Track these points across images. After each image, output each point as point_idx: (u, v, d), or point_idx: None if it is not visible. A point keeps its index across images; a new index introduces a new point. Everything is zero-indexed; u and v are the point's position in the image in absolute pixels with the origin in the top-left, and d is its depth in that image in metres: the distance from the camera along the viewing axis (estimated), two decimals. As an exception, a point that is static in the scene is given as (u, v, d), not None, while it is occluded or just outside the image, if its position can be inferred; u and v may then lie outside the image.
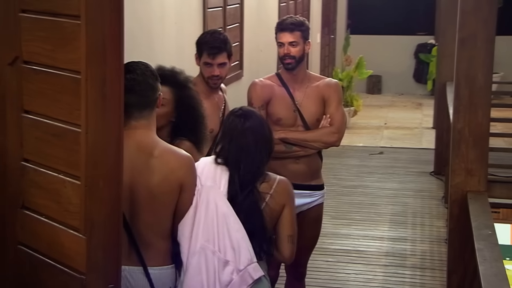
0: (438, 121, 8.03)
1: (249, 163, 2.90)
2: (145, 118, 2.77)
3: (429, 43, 12.66)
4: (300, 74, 3.89)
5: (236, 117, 2.96)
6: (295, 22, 3.87)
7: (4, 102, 2.65)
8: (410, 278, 5.00)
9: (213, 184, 2.86)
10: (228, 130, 2.97)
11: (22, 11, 2.54)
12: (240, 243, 2.75)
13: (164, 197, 2.74)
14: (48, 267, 2.53)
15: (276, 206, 2.93)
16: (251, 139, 2.91)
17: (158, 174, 2.72)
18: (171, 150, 2.78)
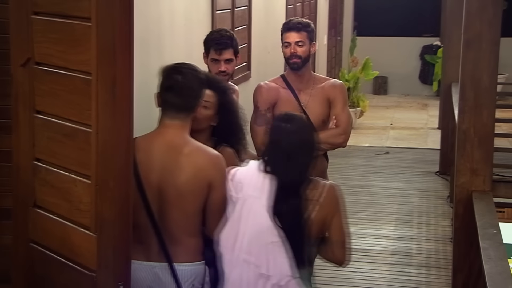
0: (443, 122, 8.01)
1: (294, 168, 2.77)
2: (180, 120, 2.76)
3: (435, 45, 12.63)
4: (306, 75, 3.89)
5: (280, 121, 2.87)
6: (302, 22, 3.87)
7: (17, 102, 2.66)
8: (415, 277, 4.99)
9: (257, 195, 2.74)
10: (272, 135, 2.88)
11: (34, 14, 2.55)
12: (282, 258, 2.67)
13: (192, 195, 2.73)
14: (59, 264, 2.54)
15: (326, 214, 2.80)
16: (295, 143, 2.79)
17: (187, 172, 2.71)
18: (200, 149, 2.76)
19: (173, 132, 2.76)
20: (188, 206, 2.74)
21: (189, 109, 2.78)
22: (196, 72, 2.81)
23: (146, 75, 3.74)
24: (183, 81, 2.74)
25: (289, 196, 2.74)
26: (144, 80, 3.70)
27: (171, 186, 2.72)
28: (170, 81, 2.75)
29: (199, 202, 2.75)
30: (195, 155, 2.73)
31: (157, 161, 2.73)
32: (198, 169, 2.71)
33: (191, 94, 2.76)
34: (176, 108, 2.76)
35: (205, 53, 3.63)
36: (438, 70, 11.39)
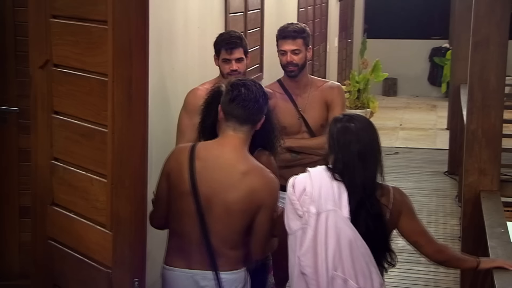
0: (452, 123, 7.97)
1: (367, 170, 2.60)
2: (243, 132, 2.68)
3: (444, 47, 12.57)
4: (303, 80, 3.77)
5: (344, 124, 2.64)
6: (297, 30, 3.72)
7: (36, 103, 2.67)
8: (424, 275, 4.97)
9: (334, 208, 2.53)
10: (339, 139, 2.63)
11: (52, 17, 2.56)
12: (370, 267, 2.54)
13: (241, 214, 2.63)
14: (76, 261, 2.55)
15: (394, 219, 2.66)
16: (365, 144, 2.60)
17: (240, 191, 2.61)
18: (257, 169, 2.66)
19: (234, 145, 2.67)
20: (234, 223, 2.65)
21: (252, 121, 2.69)
22: (259, 86, 2.73)
23: (160, 77, 3.75)
24: (246, 93, 2.66)
25: (367, 202, 2.58)
26: (159, 81, 3.71)
27: (221, 201, 2.63)
28: (235, 93, 2.67)
29: (247, 222, 2.65)
30: (251, 176, 2.63)
31: (212, 173, 2.65)
32: (252, 190, 2.61)
33: (257, 107, 2.67)
34: (239, 120, 2.67)
35: (216, 55, 3.63)
36: (447, 72, 11.34)
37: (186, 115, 3.52)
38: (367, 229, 2.55)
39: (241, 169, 2.63)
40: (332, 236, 2.49)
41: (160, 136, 3.66)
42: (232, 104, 2.65)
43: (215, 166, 2.65)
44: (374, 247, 2.56)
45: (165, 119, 3.76)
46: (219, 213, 2.63)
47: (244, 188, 2.61)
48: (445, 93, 11.60)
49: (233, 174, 2.62)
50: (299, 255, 2.52)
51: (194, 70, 4.23)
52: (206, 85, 3.62)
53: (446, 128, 9.26)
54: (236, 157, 2.65)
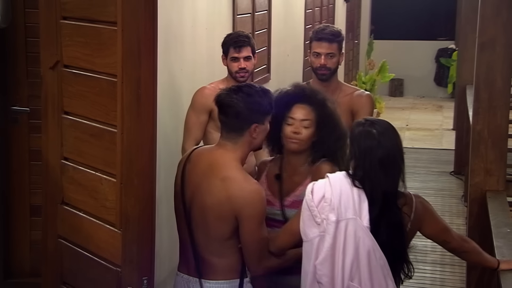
0: (458, 123, 7.94)
1: (388, 178, 2.47)
2: (232, 142, 2.55)
3: (450, 48, 12.53)
4: (332, 85, 3.60)
5: (366, 129, 2.49)
6: (335, 33, 3.57)
7: (46, 103, 2.68)
8: (430, 274, 4.95)
9: (353, 216, 2.40)
10: (359, 144, 2.49)
11: (63, 18, 2.57)
12: (387, 280, 2.42)
13: (214, 221, 2.53)
14: (86, 259, 2.55)
15: (415, 228, 2.55)
16: (387, 150, 2.47)
17: (214, 197, 2.51)
18: (237, 178, 2.51)
19: (221, 152, 2.56)
20: (210, 230, 2.56)
21: (237, 130, 2.54)
22: (249, 94, 2.54)
23: (169, 77, 3.76)
24: (230, 101, 2.52)
25: (388, 211, 2.45)
26: (167, 82, 3.71)
27: (197, 206, 2.57)
28: (221, 100, 2.57)
29: (223, 231, 2.54)
30: (229, 182, 2.50)
31: (195, 176, 2.59)
32: (225, 197, 2.49)
33: (239, 114, 2.52)
34: (224, 127, 2.58)
35: (224, 54, 3.63)
36: (453, 72, 11.30)
37: (193, 114, 3.54)
38: (387, 239, 2.43)
39: (220, 175, 2.51)
40: (351, 245, 2.38)
41: (168, 135, 3.66)
42: (219, 112, 2.58)
43: (199, 170, 2.58)
44: (392, 257, 2.45)
45: (173, 119, 3.77)
46: (197, 218, 2.57)
47: (219, 194, 2.49)
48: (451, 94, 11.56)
49: (211, 179, 2.52)
50: (316, 264, 2.40)
51: (202, 71, 4.23)
52: (214, 84, 3.63)
53: (452, 129, 9.22)
54: (219, 163, 2.54)
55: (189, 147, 3.52)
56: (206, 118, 3.53)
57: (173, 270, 3.85)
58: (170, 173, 3.70)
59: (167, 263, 3.74)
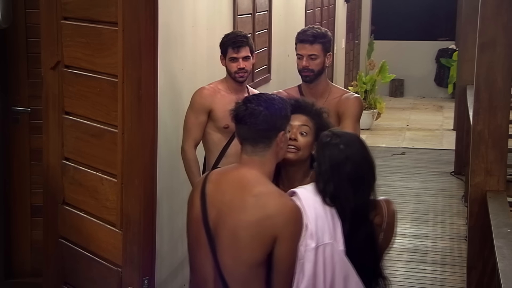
0: (458, 123, 7.93)
1: (359, 193, 2.37)
2: (259, 156, 2.30)
3: (450, 48, 12.52)
4: (320, 87, 3.54)
5: (332, 143, 2.39)
6: (316, 34, 3.49)
7: (47, 104, 2.68)
8: (431, 274, 4.95)
9: (330, 240, 2.29)
10: (327, 160, 2.38)
11: (64, 19, 2.57)
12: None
13: (249, 242, 2.23)
14: (87, 259, 2.55)
15: (389, 238, 2.47)
16: (355, 164, 2.37)
17: (250, 215, 2.22)
18: (274, 193, 2.27)
19: (248, 168, 2.31)
20: (242, 253, 2.24)
21: (266, 141, 2.30)
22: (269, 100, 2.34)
23: (169, 78, 3.76)
24: (253, 110, 2.29)
25: (358, 225, 2.35)
26: (168, 82, 3.71)
27: (228, 227, 2.26)
28: (242, 112, 2.32)
29: (257, 254, 2.23)
30: (265, 198, 2.24)
31: (222, 195, 2.31)
32: (264, 215, 2.21)
33: (267, 123, 2.29)
34: (250, 142, 2.32)
35: (223, 55, 3.63)
36: (453, 73, 11.29)
37: (192, 114, 3.53)
38: (360, 257, 2.33)
39: (253, 191, 2.25)
40: (329, 270, 2.28)
41: (169, 136, 3.66)
42: (238, 125, 2.34)
43: (226, 188, 2.31)
44: (367, 275, 2.36)
45: (174, 119, 3.77)
46: (226, 240, 2.27)
47: (256, 212, 2.22)
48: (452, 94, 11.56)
49: (243, 196, 2.25)
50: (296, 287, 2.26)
51: (203, 71, 4.23)
52: (213, 84, 3.63)
53: (452, 129, 9.22)
54: (249, 178, 2.29)
55: (188, 148, 3.53)
56: (205, 119, 3.53)
57: (174, 270, 3.86)
58: (171, 173, 3.71)
59: (168, 263, 3.75)
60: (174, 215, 3.83)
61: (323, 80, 3.57)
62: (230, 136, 3.51)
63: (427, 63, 12.81)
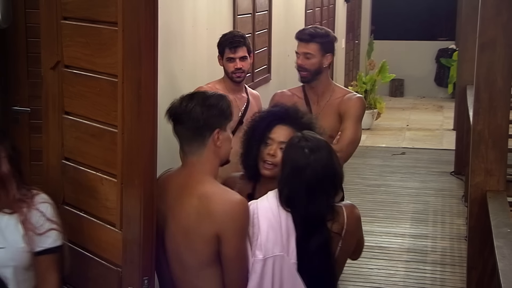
0: (458, 123, 7.94)
1: (317, 200, 2.29)
2: (195, 155, 2.33)
3: (450, 48, 12.53)
4: (319, 88, 3.55)
5: (299, 146, 2.35)
6: (313, 33, 3.49)
7: (47, 104, 2.68)
8: (431, 274, 4.95)
9: (281, 252, 2.23)
10: (288, 163, 2.34)
11: (63, 19, 2.57)
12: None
13: (192, 245, 2.25)
14: (87, 259, 2.55)
15: (350, 245, 2.40)
16: (316, 172, 2.30)
17: (192, 217, 2.26)
18: (216, 191, 2.26)
19: (190, 170, 2.32)
20: (184, 256, 2.28)
21: (199, 139, 2.31)
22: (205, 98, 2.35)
23: (169, 78, 3.76)
24: (186, 107, 2.33)
25: (314, 234, 2.28)
26: (168, 82, 3.71)
27: (171, 232, 2.32)
28: (175, 110, 2.37)
29: (201, 253, 2.25)
30: (207, 199, 2.23)
31: (164, 204, 2.35)
32: (206, 214, 2.21)
33: (198, 121, 2.30)
34: (184, 141, 2.35)
35: (220, 55, 3.64)
36: (453, 73, 11.30)
37: None
38: (312, 267, 2.26)
39: (196, 193, 2.26)
40: (277, 283, 2.21)
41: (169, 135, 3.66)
42: (173, 125, 2.37)
43: (169, 195, 2.36)
44: (321, 280, 2.29)
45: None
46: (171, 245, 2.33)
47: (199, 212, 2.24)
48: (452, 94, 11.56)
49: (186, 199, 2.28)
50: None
51: (203, 71, 4.23)
52: (211, 84, 3.63)
53: (452, 129, 9.23)
54: (193, 182, 2.29)
55: None
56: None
57: (173, 270, 3.86)
58: (171, 173, 3.71)
59: (168, 263, 3.74)
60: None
61: (324, 80, 3.56)
62: None
63: (427, 63, 12.82)
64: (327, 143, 2.43)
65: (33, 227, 2.29)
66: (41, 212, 2.33)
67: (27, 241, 2.27)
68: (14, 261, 2.28)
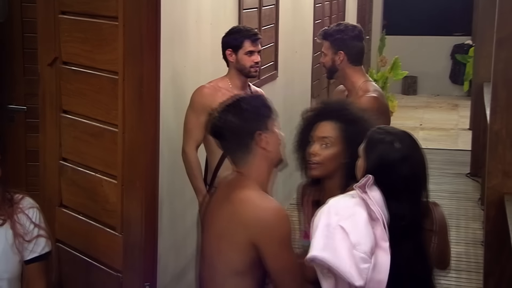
0: (474, 122, 7.92)
1: (414, 198, 2.23)
2: (242, 163, 2.28)
3: (466, 44, 12.50)
4: (347, 85, 3.68)
5: (387, 144, 2.22)
6: (326, 31, 3.67)
7: (44, 102, 2.69)
8: (445, 280, 4.93)
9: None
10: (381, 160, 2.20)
11: (61, 13, 2.58)
12: None
13: (225, 251, 2.21)
14: (86, 264, 2.56)
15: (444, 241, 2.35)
16: (412, 166, 2.23)
17: (225, 223, 2.22)
18: (250, 197, 2.20)
19: (236, 178, 2.29)
20: (216, 261, 2.24)
21: (243, 148, 2.26)
22: (236, 105, 2.30)
23: (172, 75, 3.76)
24: (219, 121, 2.28)
25: (410, 233, 2.19)
26: (171, 79, 3.72)
27: (207, 237, 2.30)
28: (213, 127, 2.31)
29: (233, 260, 2.20)
30: (240, 204, 2.19)
31: (210, 210, 2.34)
32: (239, 221, 2.17)
33: (235, 130, 2.25)
34: (231, 153, 2.31)
35: (233, 49, 3.59)
36: (470, 69, 11.27)
37: (193, 114, 3.52)
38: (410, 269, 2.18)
39: (232, 199, 2.23)
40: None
41: (171, 135, 3.67)
42: (215, 140, 2.35)
43: (215, 202, 2.33)
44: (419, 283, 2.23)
45: (177, 117, 3.77)
46: (205, 250, 2.31)
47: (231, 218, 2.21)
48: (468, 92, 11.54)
49: (223, 205, 2.25)
50: None
51: (207, 68, 4.23)
52: (213, 82, 3.63)
53: (468, 128, 9.21)
54: (235, 188, 2.25)
55: (190, 150, 3.52)
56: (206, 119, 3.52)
57: (176, 275, 3.87)
58: (173, 174, 3.72)
59: (170, 268, 3.75)
60: (176, 218, 3.84)
61: (346, 78, 3.66)
62: None
63: (442, 59, 12.79)
64: (408, 132, 2.35)
65: (22, 234, 2.27)
66: (29, 217, 2.30)
67: (18, 249, 2.27)
68: (8, 273, 2.27)
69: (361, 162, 2.25)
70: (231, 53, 3.59)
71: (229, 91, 3.56)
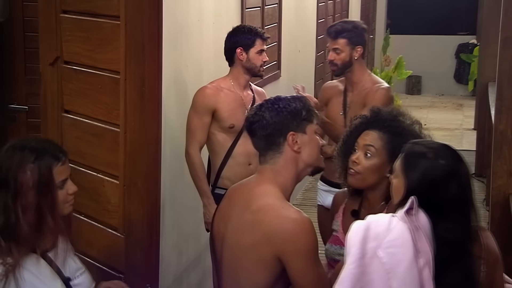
0: (479, 122, 7.91)
1: (463, 219, 2.04)
2: (270, 163, 2.19)
3: (471, 43, 12.48)
4: (353, 78, 3.76)
5: (430, 160, 2.03)
6: (339, 29, 3.74)
7: (45, 102, 2.69)
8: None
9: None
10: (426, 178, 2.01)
11: (63, 12, 2.58)
12: None
13: (251, 267, 2.09)
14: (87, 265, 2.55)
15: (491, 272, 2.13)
16: (462, 184, 2.07)
17: (248, 236, 2.10)
18: (272, 206, 2.10)
19: (259, 180, 2.19)
20: (241, 278, 2.12)
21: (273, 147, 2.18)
22: (274, 102, 2.23)
23: (174, 74, 3.77)
24: (254, 116, 2.22)
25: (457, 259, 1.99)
26: (173, 79, 3.72)
27: (227, 246, 2.18)
28: (248, 122, 2.25)
29: (259, 279, 2.09)
30: (262, 214, 2.08)
31: (227, 213, 2.23)
32: (261, 234, 2.06)
33: (267, 127, 2.18)
34: (260, 151, 2.23)
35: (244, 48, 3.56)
36: (474, 69, 11.26)
37: (195, 115, 3.51)
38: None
39: (253, 206, 2.12)
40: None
41: (174, 135, 3.67)
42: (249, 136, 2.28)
43: (235, 203, 2.22)
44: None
45: (179, 117, 3.77)
46: (227, 263, 2.19)
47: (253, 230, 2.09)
48: (472, 92, 11.53)
49: (243, 213, 2.14)
50: None
51: (209, 67, 4.24)
52: (215, 83, 3.62)
53: (473, 128, 9.21)
54: (256, 192, 2.17)
55: (193, 151, 3.52)
56: (209, 119, 3.51)
57: (178, 277, 3.87)
58: (176, 175, 3.72)
59: (173, 270, 3.75)
60: (179, 219, 3.84)
61: (356, 70, 3.77)
62: (235, 136, 3.52)
63: (446, 58, 12.78)
64: (449, 146, 2.17)
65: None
66: None
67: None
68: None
69: (399, 181, 2.05)
70: (241, 52, 3.56)
71: (232, 91, 3.56)
